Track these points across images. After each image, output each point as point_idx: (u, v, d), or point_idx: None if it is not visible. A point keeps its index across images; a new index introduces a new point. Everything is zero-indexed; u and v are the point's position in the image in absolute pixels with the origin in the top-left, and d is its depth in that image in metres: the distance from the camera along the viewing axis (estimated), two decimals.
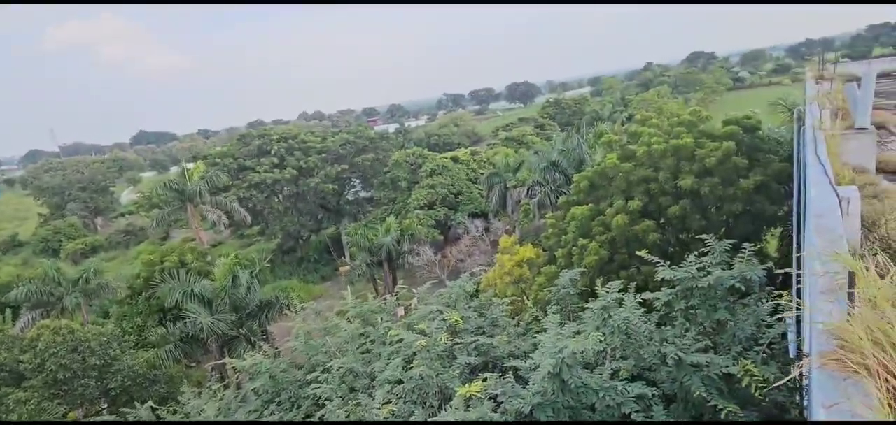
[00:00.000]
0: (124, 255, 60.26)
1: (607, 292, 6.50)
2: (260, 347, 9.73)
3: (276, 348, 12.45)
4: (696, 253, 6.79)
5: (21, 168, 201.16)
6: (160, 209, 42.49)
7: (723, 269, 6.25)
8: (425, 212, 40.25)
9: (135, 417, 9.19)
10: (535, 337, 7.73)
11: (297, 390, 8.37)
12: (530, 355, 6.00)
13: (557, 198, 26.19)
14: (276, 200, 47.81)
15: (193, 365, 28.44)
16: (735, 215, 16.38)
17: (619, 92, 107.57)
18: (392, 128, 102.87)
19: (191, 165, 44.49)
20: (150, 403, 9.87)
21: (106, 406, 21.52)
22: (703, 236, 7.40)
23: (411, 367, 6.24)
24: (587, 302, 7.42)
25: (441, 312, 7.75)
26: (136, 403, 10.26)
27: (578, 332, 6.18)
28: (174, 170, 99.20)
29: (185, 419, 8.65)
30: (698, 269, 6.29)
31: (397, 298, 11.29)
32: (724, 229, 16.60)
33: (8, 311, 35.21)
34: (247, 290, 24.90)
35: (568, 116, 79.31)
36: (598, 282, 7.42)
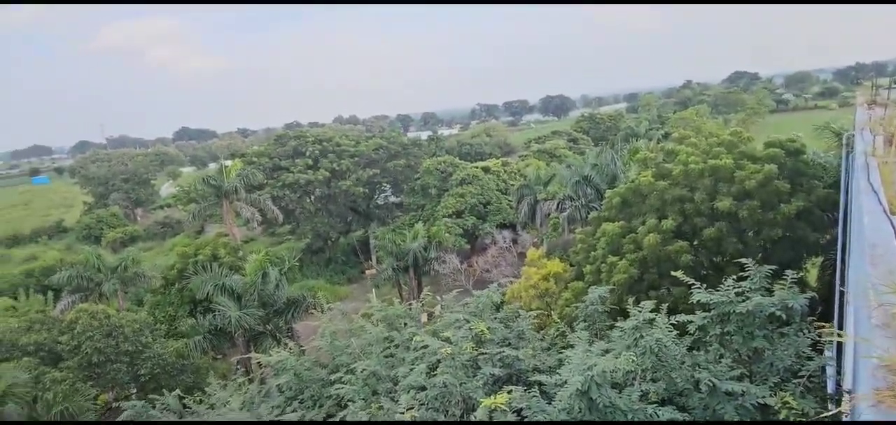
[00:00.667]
0: (161, 246, 62.20)
1: (639, 311, 6.32)
2: (285, 344, 9.84)
3: (301, 346, 12.57)
4: (733, 277, 6.55)
5: (70, 157, 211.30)
6: (197, 203, 43.79)
7: (762, 296, 6.01)
8: (453, 221, 40.21)
9: (163, 405, 9.41)
10: (560, 353, 7.59)
11: (320, 389, 8.42)
12: (556, 370, 5.87)
13: (588, 213, 25.80)
14: (308, 201, 48.57)
15: (220, 357, 29.00)
16: (774, 241, 15.78)
17: (656, 109, 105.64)
18: (425, 135, 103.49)
19: (228, 163, 45.72)
20: (178, 391, 10.09)
21: (135, 391, 22.11)
22: (741, 260, 7.15)
23: (435, 374, 6.19)
24: (615, 320, 7.25)
25: (467, 321, 7.68)
26: (164, 390, 10.50)
27: (607, 351, 6.03)
28: (212, 166, 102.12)
29: (210, 409, 8.79)
30: (736, 294, 6.06)
31: (422, 304, 11.27)
32: (761, 255, 16.00)
33: (50, 293, 36.83)
34: (275, 287, 25.30)
35: (602, 131, 78.29)
36: (629, 301, 7.24)
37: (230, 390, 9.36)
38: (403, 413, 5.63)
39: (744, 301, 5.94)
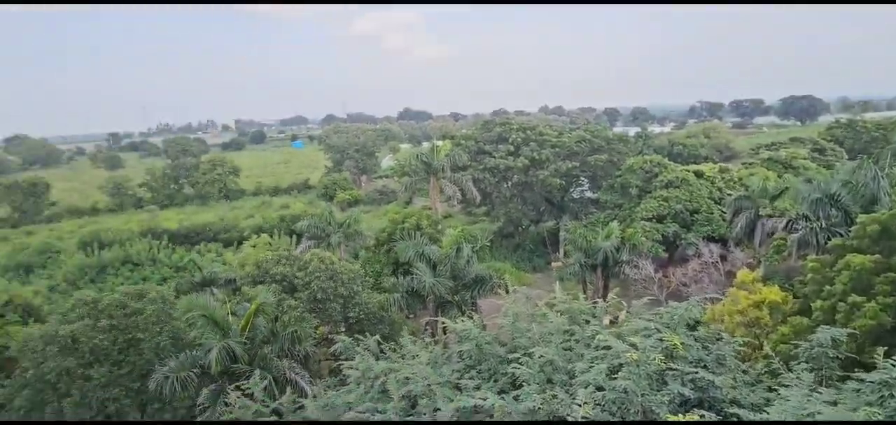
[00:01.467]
0: (376, 211, 70.88)
1: (893, 366, 5.06)
2: (471, 316, 10.44)
3: (483, 321, 13.14)
4: None
5: (319, 128, 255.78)
6: (409, 177, 48.86)
7: None
8: (652, 225, 37.25)
9: (365, 345, 10.82)
10: (770, 392, 6.53)
11: (497, 364, 8.73)
12: (762, 409, 5.07)
13: (827, 239, 21.37)
14: (505, 186, 50.04)
15: (411, 316, 32.08)
16: None
17: None
18: (632, 131, 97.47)
19: (440, 143, 49.67)
20: (377, 337, 11.47)
21: (344, 330, 25.79)
22: None
23: (616, 378, 5.90)
24: (852, 371, 5.95)
25: (659, 331, 7.11)
26: (366, 334, 12.06)
27: (836, 403, 4.97)
28: (426, 145, 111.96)
29: (401, 359, 9.81)
30: None
31: (607, 306, 10.78)
32: None
33: (294, 236, 45.16)
34: (466, 262, 26.85)
35: (864, 143, 63.68)
36: (878, 352, 5.85)
37: (418, 346, 10.28)
38: (579, 406, 5.50)
39: None
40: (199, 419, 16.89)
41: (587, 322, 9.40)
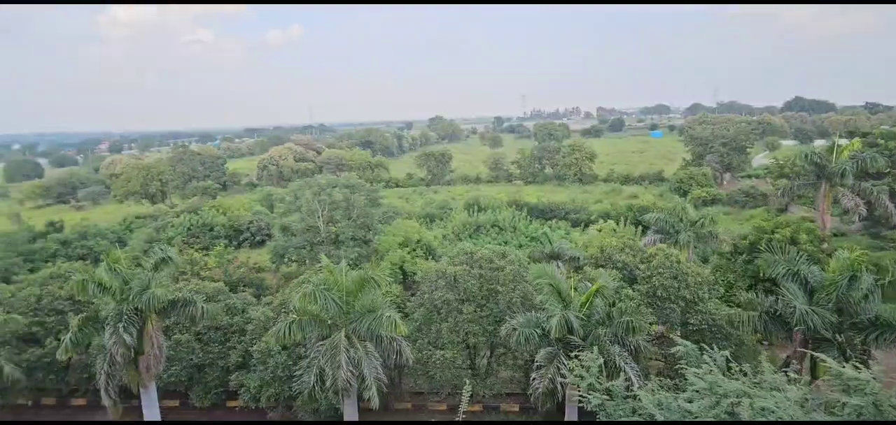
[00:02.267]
0: (737, 214, 62.10)
1: None
2: (866, 364, 8.02)
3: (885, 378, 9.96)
4: None
5: (683, 117, 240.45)
6: (789, 180, 40.76)
7: None
8: None
9: (711, 356, 9.72)
10: None
11: None
12: None
13: None
14: None
15: (766, 343, 27.06)
16: None
17: None
18: None
19: (844, 142, 39.52)
20: (726, 353, 10.14)
21: (681, 334, 23.83)
22: None
23: None
24: None
25: None
26: (714, 346, 10.82)
27: None
28: (819, 143, 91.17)
29: (755, 386, 8.42)
30: None
31: None
32: None
33: (640, 228, 44.14)
34: (864, 298, 20.70)
35: None
36: None
37: (781, 379, 8.61)
38: None
39: None
40: (534, 372, 18.76)
41: None
